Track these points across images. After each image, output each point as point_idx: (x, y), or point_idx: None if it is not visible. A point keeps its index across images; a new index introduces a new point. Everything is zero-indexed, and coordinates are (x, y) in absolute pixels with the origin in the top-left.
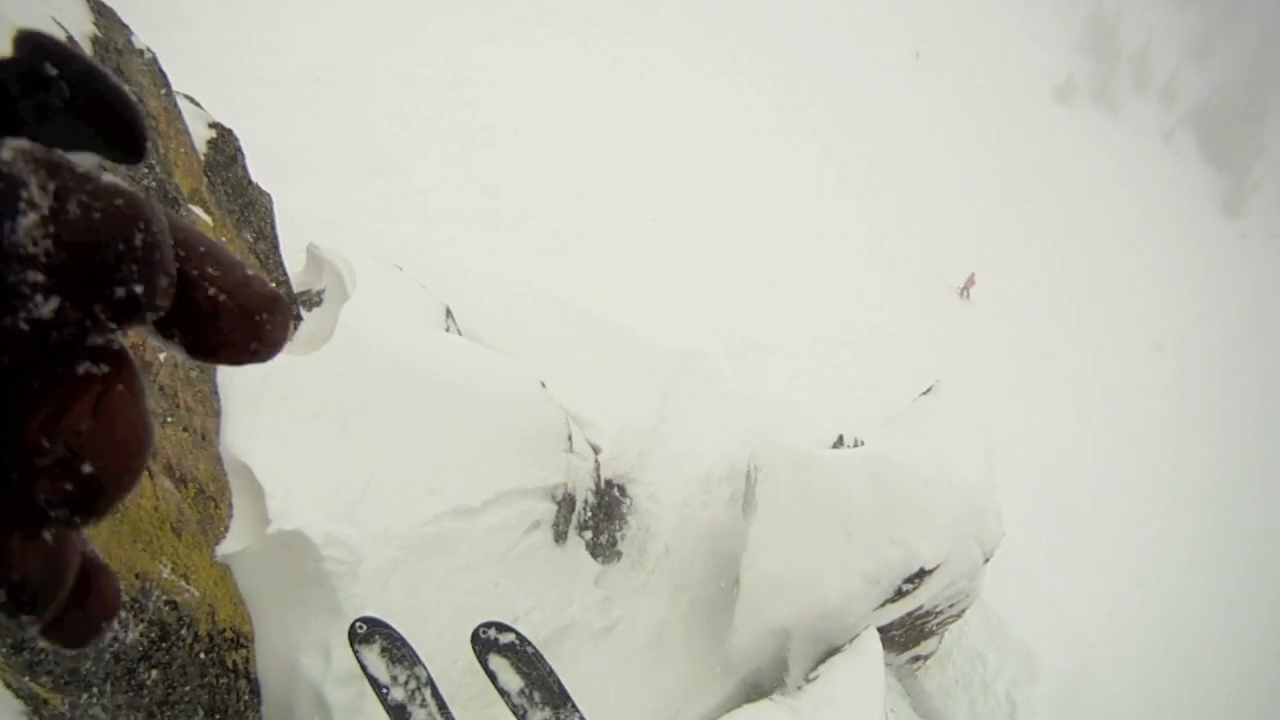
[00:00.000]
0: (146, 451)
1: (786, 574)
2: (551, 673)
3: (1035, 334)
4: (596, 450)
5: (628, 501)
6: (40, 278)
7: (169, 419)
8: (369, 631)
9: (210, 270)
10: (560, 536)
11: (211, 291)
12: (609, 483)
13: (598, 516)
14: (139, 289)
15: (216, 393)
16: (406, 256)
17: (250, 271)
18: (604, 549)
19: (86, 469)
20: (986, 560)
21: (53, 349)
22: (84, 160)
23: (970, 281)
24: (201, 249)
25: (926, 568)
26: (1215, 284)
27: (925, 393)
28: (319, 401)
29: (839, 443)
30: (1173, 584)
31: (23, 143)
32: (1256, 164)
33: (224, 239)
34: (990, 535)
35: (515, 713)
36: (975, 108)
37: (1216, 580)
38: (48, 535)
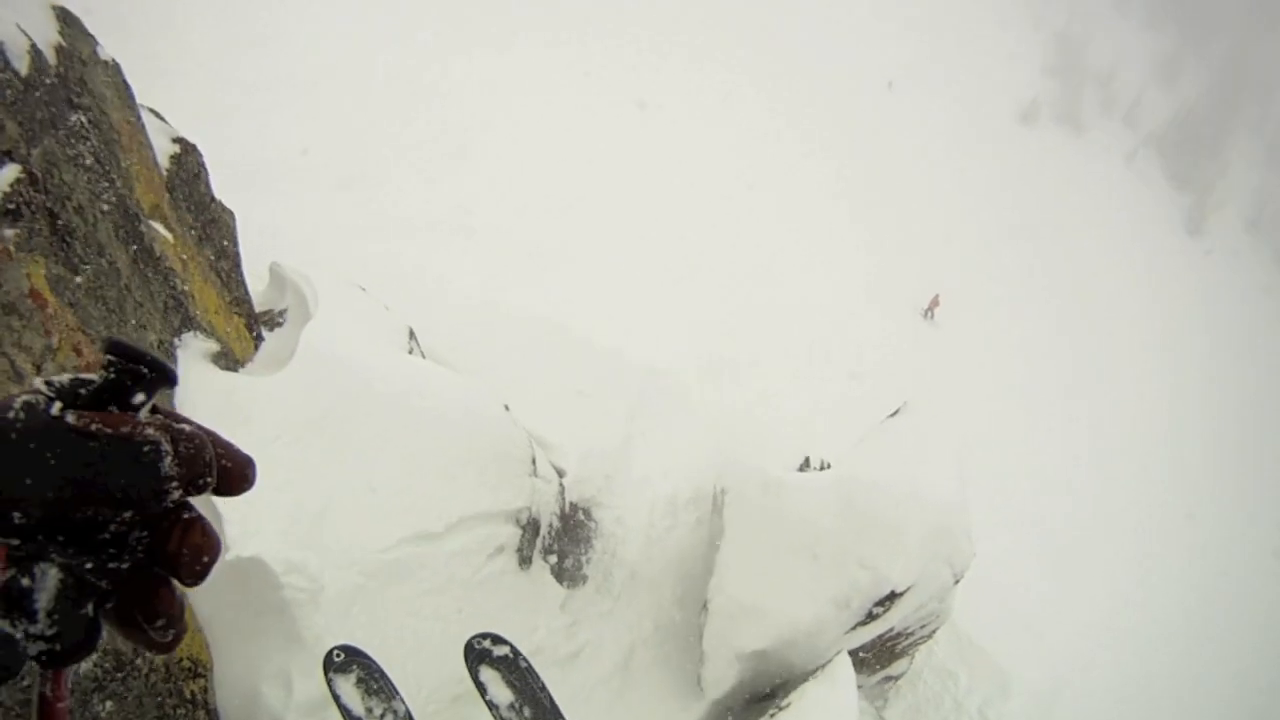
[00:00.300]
0: (220, 546)
1: (755, 599)
2: (544, 688)
3: (1001, 354)
4: (561, 474)
5: (593, 525)
6: (175, 484)
7: None
8: (346, 660)
9: (219, 450)
10: (525, 561)
11: (223, 463)
12: (574, 506)
13: (562, 540)
14: (212, 479)
15: None
16: (374, 275)
17: (233, 444)
18: (569, 573)
19: (204, 560)
20: (957, 581)
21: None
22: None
23: (934, 302)
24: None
25: (897, 590)
26: (1180, 300)
27: (893, 414)
28: (279, 424)
29: (805, 465)
30: (1148, 601)
31: (156, 417)
32: (1220, 182)
33: (184, 256)
34: (961, 556)
35: None
36: (943, 130)
37: (1193, 597)
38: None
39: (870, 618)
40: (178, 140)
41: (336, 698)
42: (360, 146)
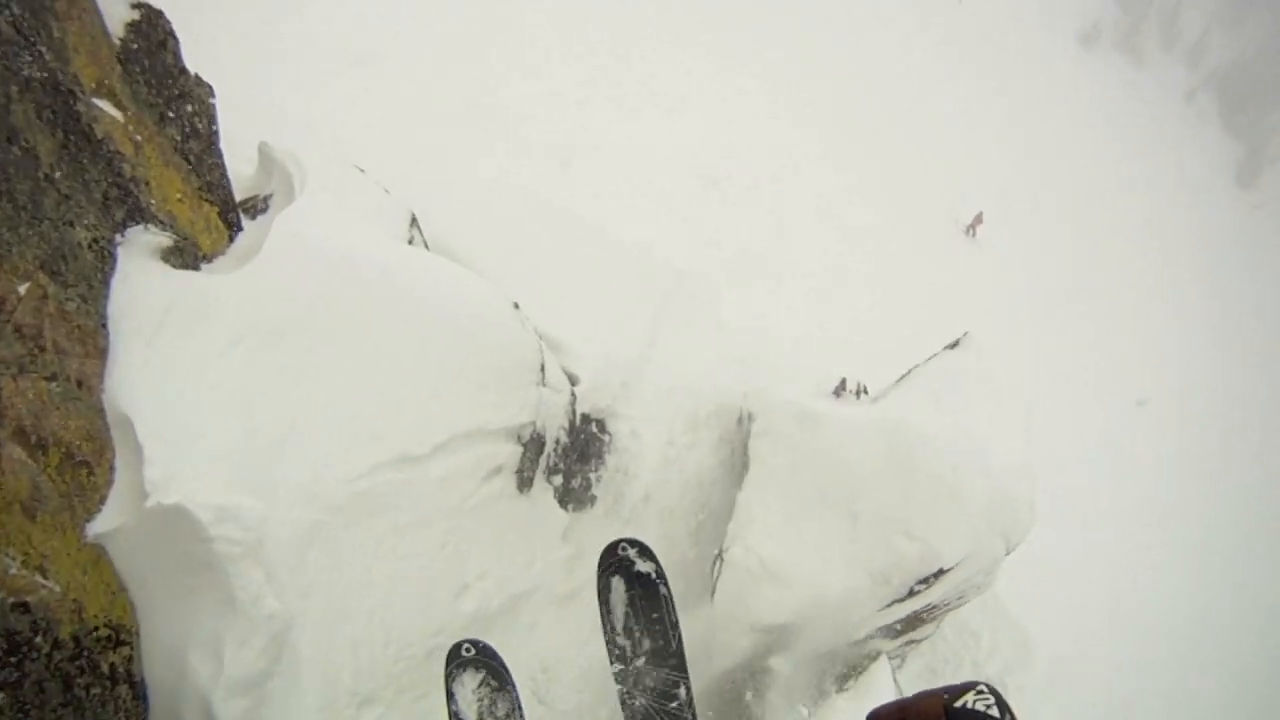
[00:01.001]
0: None
1: (778, 557)
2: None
3: (1039, 282)
4: (574, 381)
5: (607, 439)
6: None
7: (27, 367)
8: (474, 659)
9: None
10: (525, 484)
11: None
12: (586, 418)
13: (569, 458)
14: None
15: (105, 326)
16: (376, 159)
17: None
18: (575, 494)
19: None
20: (1009, 553)
21: None
22: None
23: (977, 220)
24: None
25: (946, 567)
26: (1221, 250)
27: (951, 346)
28: (239, 326)
29: (841, 387)
30: (1178, 567)
31: None
32: (1275, 137)
33: (138, 138)
34: (1020, 528)
35: None
36: (997, 41)
37: (1222, 562)
38: None
39: (910, 594)
40: (138, 5)
41: (451, 696)
42: (379, 19)
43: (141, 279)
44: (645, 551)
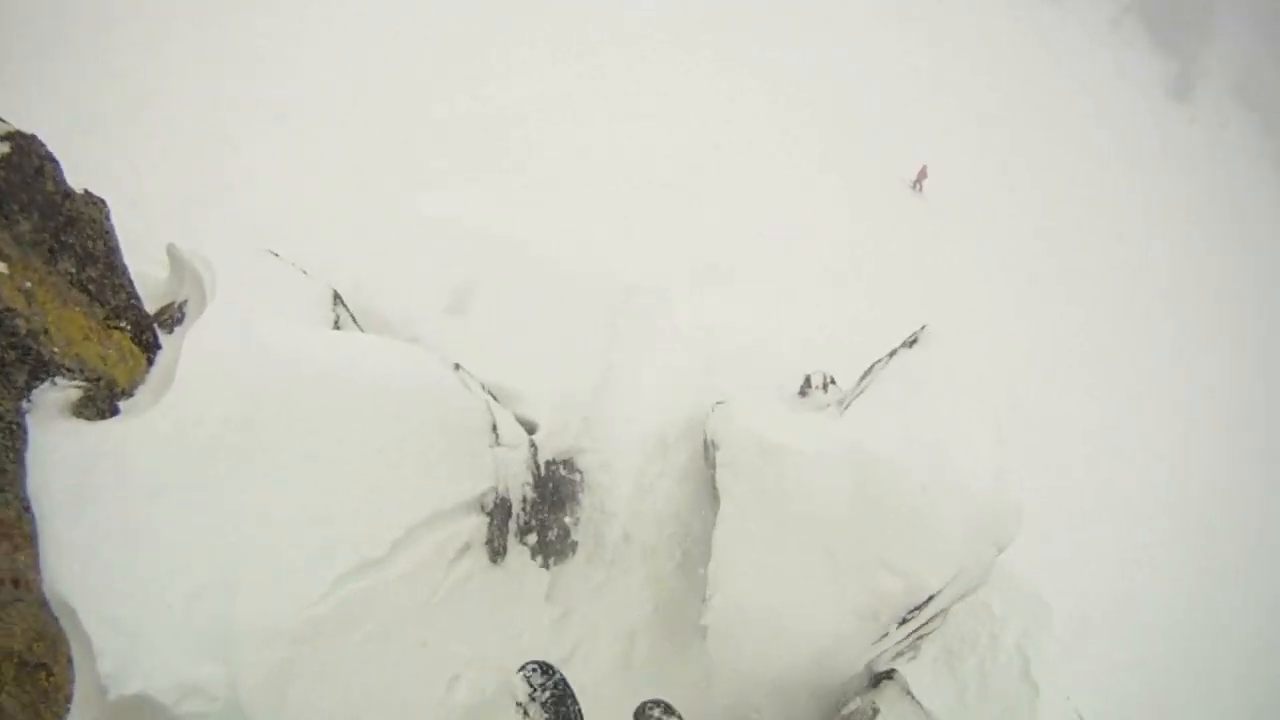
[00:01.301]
0: None
1: (761, 606)
2: None
3: (991, 226)
4: (532, 429)
5: (577, 477)
6: None
7: None
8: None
9: None
10: (497, 553)
11: None
12: (551, 463)
13: (541, 512)
14: None
15: (29, 510)
16: (290, 223)
17: None
18: (553, 546)
19: None
20: (1001, 553)
21: None
22: None
23: (922, 174)
24: None
25: (935, 593)
26: (1166, 170)
27: (909, 344)
28: (162, 471)
29: (806, 385)
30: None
31: None
32: (1204, 50)
33: (28, 284)
34: (1007, 533)
35: None
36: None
37: (1231, 538)
38: None
39: (903, 622)
40: (7, 136)
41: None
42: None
43: (55, 445)
44: (669, 709)
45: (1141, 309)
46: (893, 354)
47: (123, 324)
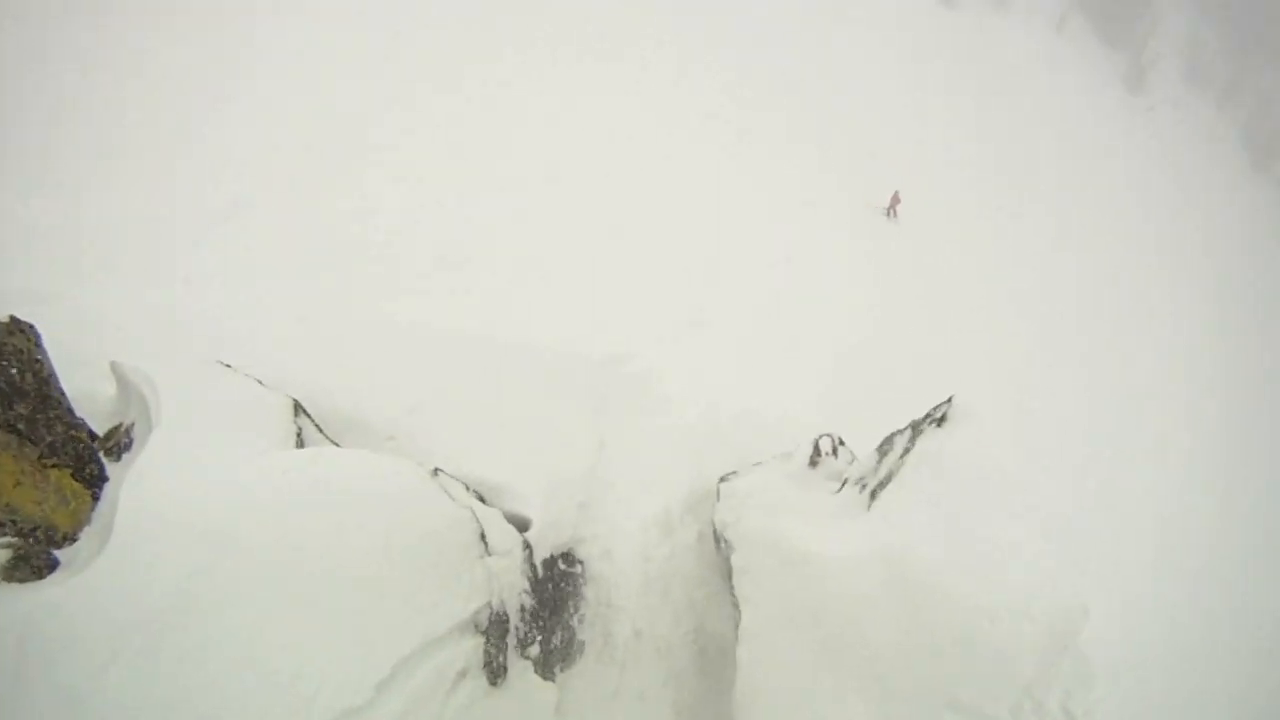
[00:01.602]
0: None
1: None
2: None
3: (970, 244)
4: (524, 526)
5: (579, 568)
6: None
7: None
8: None
9: None
10: (498, 673)
11: None
12: (550, 560)
13: (542, 617)
14: None
15: None
16: (248, 336)
17: None
18: (559, 652)
19: None
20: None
21: None
22: None
23: (895, 200)
24: None
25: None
26: (1132, 159)
27: (938, 421)
28: (110, 638)
29: (816, 454)
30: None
31: None
32: (1152, 39)
33: None
34: (1074, 632)
35: None
36: (863, 24)
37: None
38: None
39: None
40: None
41: None
42: (243, 163)
43: None
44: None
45: (1140, 306)
46: (917, 431)
47: (61, 461)
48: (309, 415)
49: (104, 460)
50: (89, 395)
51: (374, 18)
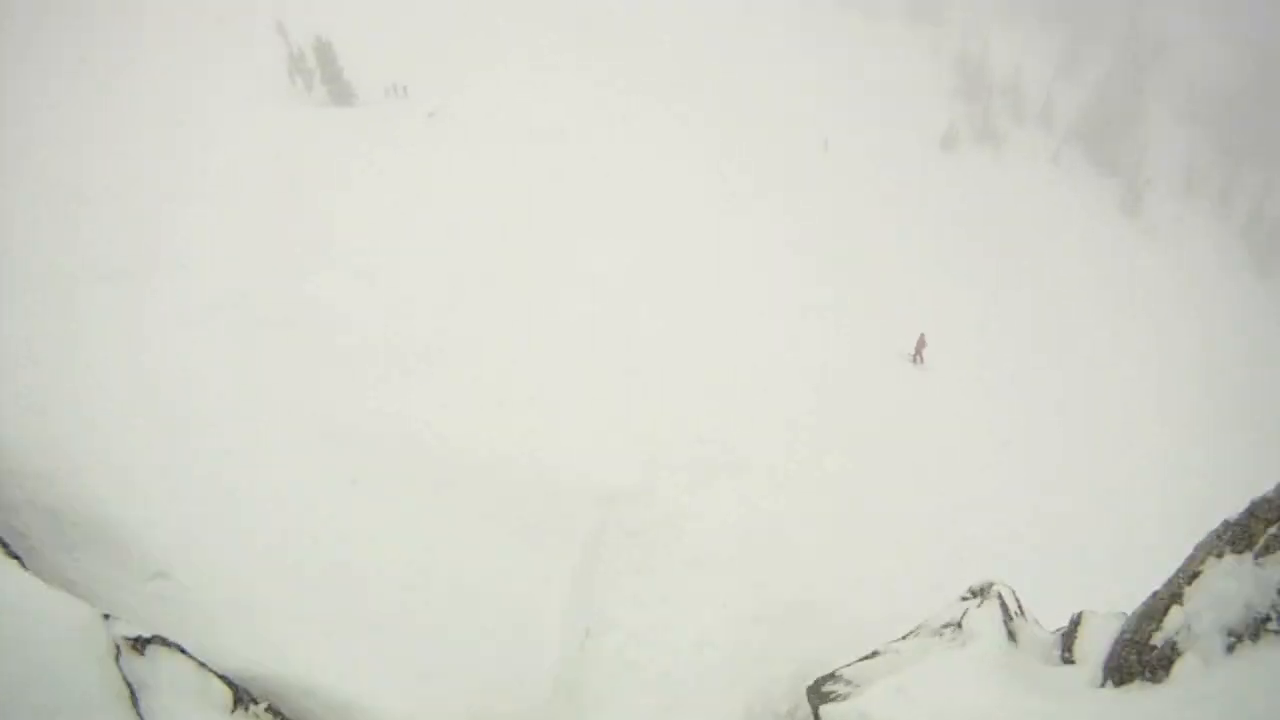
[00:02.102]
0: None
1: None
2: None
3: (999, 384)
4: None
5: None
6: None
7: None
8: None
9: None
10: None
11: None
12: None
13: None
14: None
15: None
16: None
17: None
18: None
19: None
20: None
21: None
22: None
23: (920, 344)
24: None
25: None
26: (1141, 282)
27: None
28: None
29: (1006, 615)
30: None
31: None
32: (1143, 162)
33: None
34: None
35: None
36: (873, 175)
37: None
38: None
39: None
40: None
41: None
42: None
43: None
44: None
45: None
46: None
47: None
48: (255, 700)
49: None
50: None
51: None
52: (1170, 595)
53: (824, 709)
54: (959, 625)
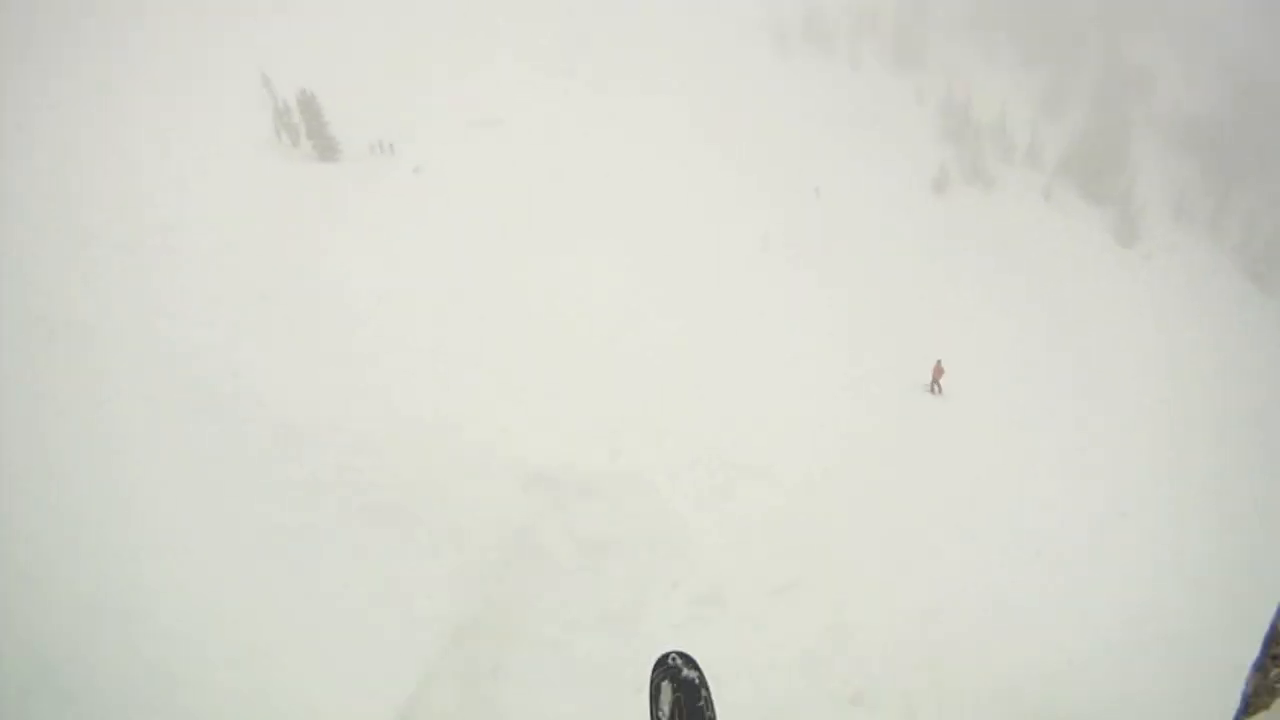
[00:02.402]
0: None
1: None
2: None
3: (1018, 406)
4: None
5: None
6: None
7: None
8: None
9: None
10: None
11: None
12: None
13: None
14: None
15: None
16: None
17: None
18: None
19: None
20: None
21: None
22: None
23: (938, 372)
24: None
25: None
26: (1142, 311)
27: None
28: None
29: None
30: None
31: None
32: (1133, 191)
33: None
34: None
35: None
36: (870, 220)
37: None
38: None
39: None
40: None
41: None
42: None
43: None
44: (690, 662)
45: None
46: None
47: None
48: None
49: None
50: None
51: None
52: None
53: None
54: None
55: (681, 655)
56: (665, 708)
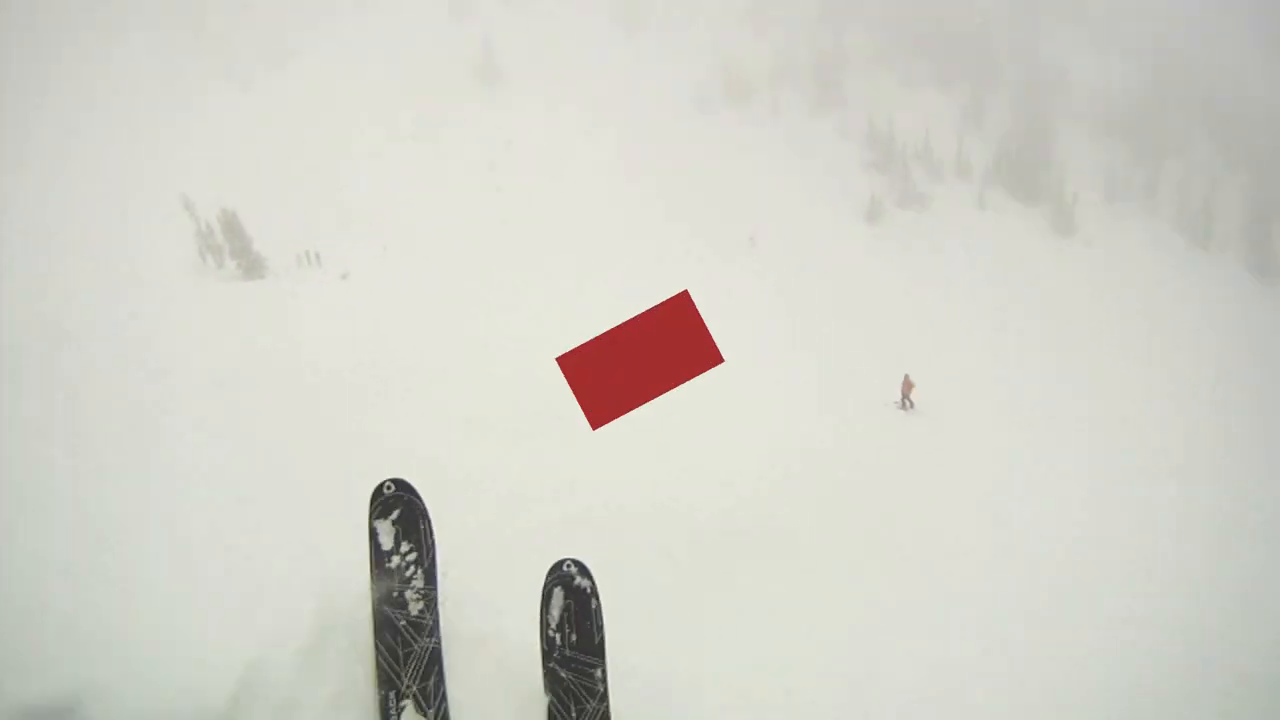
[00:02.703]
0: None
1: None
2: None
3: (989, 423)
4: None
5: None
6: None
7: None
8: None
9: None
10: None
11: None
12: None
13: None
14: None
15: None
16: None
17: None
18: None
19: None
20: None
21: None
22: None
23: (907, 385)
24: None
25: None
26: (1095, 297)
27: None
28: None
29: None
30: None
31: None
32: (1065, 184)
33: None
34: None
35: None
36: (807, 261)
37: None
38: None
39: None
40: None
41: (373, 532)
42: None
43: None
44: (584, 570)
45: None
46: None
47: None
48: None
49: None
50: None
51: None
52: None
53: None
54: None
55: (576, 563)
56: (555, 613)
